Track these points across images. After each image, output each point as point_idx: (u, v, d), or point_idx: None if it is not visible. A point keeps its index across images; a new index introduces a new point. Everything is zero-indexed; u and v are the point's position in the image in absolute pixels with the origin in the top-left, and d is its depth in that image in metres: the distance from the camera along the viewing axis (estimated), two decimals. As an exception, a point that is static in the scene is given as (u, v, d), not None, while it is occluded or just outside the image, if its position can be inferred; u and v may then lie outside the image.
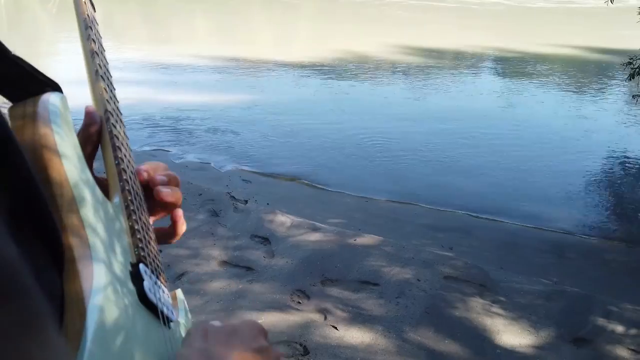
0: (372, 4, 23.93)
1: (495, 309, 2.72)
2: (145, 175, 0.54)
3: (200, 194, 3.86)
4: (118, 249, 0.42)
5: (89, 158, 0.52)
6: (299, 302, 2.69)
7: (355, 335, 2.47)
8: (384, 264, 3.06)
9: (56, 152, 0.39)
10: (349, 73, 9.94)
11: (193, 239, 3.26)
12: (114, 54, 10.77)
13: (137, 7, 22.11)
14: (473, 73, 10.84)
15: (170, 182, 0.55)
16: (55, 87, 0.43)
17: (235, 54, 11.21)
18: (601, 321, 2.68)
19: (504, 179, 5.31)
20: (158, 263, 0.51)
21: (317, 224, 3.57)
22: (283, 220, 3.56)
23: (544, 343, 2.48)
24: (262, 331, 0.46)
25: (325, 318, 2.57)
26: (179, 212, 0.58)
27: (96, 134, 0.50)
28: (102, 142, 0.51)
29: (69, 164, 0.39)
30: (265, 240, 3.29)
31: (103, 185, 0.50)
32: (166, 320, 0.45)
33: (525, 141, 6.40)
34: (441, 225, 4.13)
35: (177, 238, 0.59)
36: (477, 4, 25.25)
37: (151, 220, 0.57)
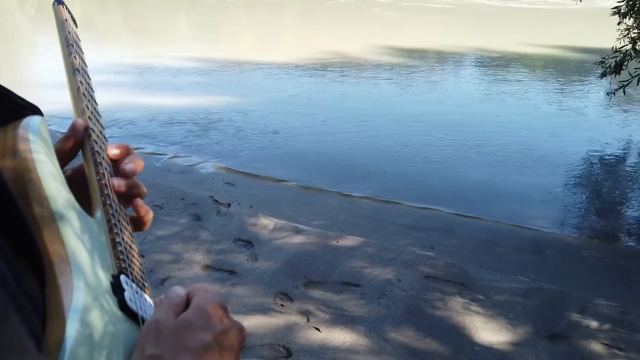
0: (358, 5, 24.04)
1: (474, 307, 2.78)
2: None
3: (183, 198, 3.87)
4: (99, 262, 0.45)
5: (66, 162, 0.55)
6: (282, 305, 2.72)
7: (338, 336, 2.51)
8: (365, 265, 3.10)
9: (35, 173, 0.41)
10: (334, 73, 9.98)
11: (176, 243, 3.27)
12: (94, 55, 10.66)
13: (117, 7, 21.87)
14: (454, 72, 10.96)
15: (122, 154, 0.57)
16: (35, 111, 0.46)
17: (219, 55, 11.18)
18: (576, 317, 2.76)
19: (485, 177, 5.41)
20: (141, 274, 0.54)
21: (300, 226, 3.61)
22: (266, 223, 3.58)
23: (521, 340, 2.55)
24: (221, 309, 0.44)
25: (308, 320, 2.61)
26: (139, 201, 0.59)
27: (76, 145, 0.53)
28: (85, 158, 0.54)
29: (48, 184, 0.42)
30: (249, 243, 3.32)
31: (76, 181, 0.53)
32: None
33: (506, 140, 6.51)
34: (423, 225, 4.19)
35: (147, 226, 0.60)
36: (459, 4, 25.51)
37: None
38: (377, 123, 6.91)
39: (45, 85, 7.43)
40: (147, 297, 0.52)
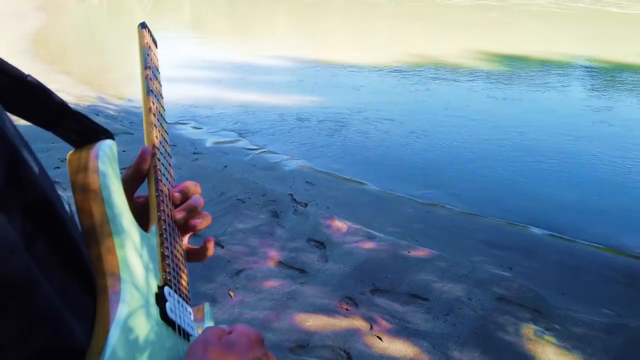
0: (457, 5, 23.31)
1: (548, 336, 2.63)
2: (177, 198, 0.62)
3: (264, 194, 4.04)
4: (149, 274, 0.50)
5: (136, 187, 0.63)
6: (347, 309, 2.76)
7: (399, 348, 2.50)
8: (435, 279, 3.05)
9: (99, 192, 0.48)
10: (427, 76, 9.80)
11: (253, 237, 3.43)
12: (196, 51, 11.37)
13: (221, 6, 23.06)
14: (560, 82, 10.27)
15: (195, 209, 0.62)
16: (107, 135, 0.53)
17: (314, 54, 11.42)
18: (666, 362, 2.52)
19: (579, 196, 5.05)
20: (186, 286, 0.61)
21: (373, 232, 3.62)
22: (340, 226, 3.64)
23: (597, 379, 2.38)
24: (259, 340, 0.50)
25: (371, 327, 2.63)
26: (211, 243, 0.67)
27: (144, 170, 0.61)
28: (148, 175, 0.61)
29: (109, 201, 0.48)
30: (321, 244, 3.40)
31: (145, 207, 0.61)
32: (186, 335, 0.53)
33: (617, 158, 6.00)
34: (502, 242, 4.01)
35: (204, 259, 0.67)
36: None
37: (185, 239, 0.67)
38: (469, 131, 6.69)
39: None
40: (188, 308, 0.58)
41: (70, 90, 7.55)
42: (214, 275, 2.99)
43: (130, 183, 0.61)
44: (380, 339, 2.54)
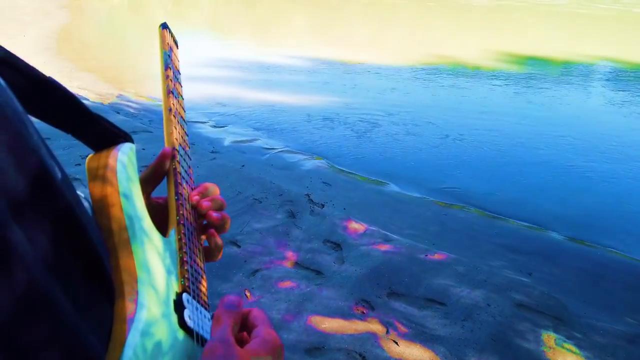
0: (481, 7, 23.05)
1: (569, 345, 2.57)
2: (195, 199, 0.60)
3: (281, 194, 4.04)
4: (166, 280, 0.49)
5: (154, 186, 0.62)
6: (363, 312, 2.74)
7: (416, 353, 2.47)
8: (453, 283, 3.01)
9: (117, 196, 0.47)
10: (446, 78, 9.71)
11: (269, 237, 3.43)
12: (220, 50, 11.44)
13: (241, 6, 23.19)
14: (581, 84, 10.08)
15: (215, 206, 0.61)
16: (127, 139, 0.53)
17: (330, 54, 11.40)
18: (693, 375, 2.44)
19: (604, 200, 4.95)
20: (205, 292, 0.59)
21: (390, 234, 3.59)
22: (357, 227, 3.62)
23: (620, 390, 2.32)
24: (280, 348, 0.47)
25: (387, 331, 2.60)
26: (219, 240, 0.65)
27: (163, 172, 0.60)
28: (167, 177, 0.61)
29: (127, 206, 0.47)
30: (337, 246, 3.38)
31: (164, 209, 0.60)
32: (204, 343, 0.52)
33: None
34: (523, 247, 3.94)
35: (216, 258, 0.65)
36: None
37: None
38: (490, 136, 6.60)
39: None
40: (207, 314, 0.57)
41: (92, 87, 7.66)
42: (230, 275, 2.99)
43: (148, 184, 0.60)
44: (397, 343, 2.52)
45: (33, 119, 0.43)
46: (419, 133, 6.57)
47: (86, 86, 7.66)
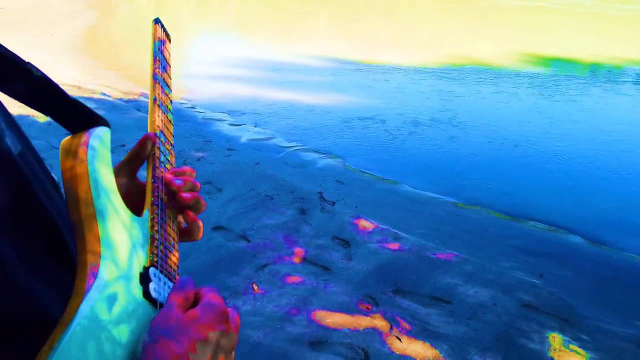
0: (504, 6, 22.73)
1: (575, 347, 2.55)
2: (168, 177, 0.63)
3: (293, 192, 4.08)
4: (133, 254, 0.52)
5: (135, 168, 0.66)
6: (368, 308, 2.76)
7: (419, 350, 2.48)
8: (460, 282, 3.01)
9: (86, 176, 0.50)
10: (466, 79, 9.62)
11: (279, 233, 3.48)
12: (236, 50, 11.55)
13: (259, 5, 23.35)
14: (607, 86, 9.86)
15: (186, 187, 0.64)
16: (103, 123, 0.56)
17: (351, 55, 11.41)
18: (702, 381, 2.39)
19: (625, 203, 4.85)
20: (175, 269, 0.63)
21: (399, 232, 3.60)
22: (366, 225, 3.64)
23: (625, 393, 2.29)
24: (224, 314, 0.50)
25: (391, 328, 2.62)
26: (199, 222, 0.68)
27: (143, 155, 0.64)
28: (147, 161, 0.64)
29: (96, 183, 0.50)
30: (346, 243, 3.40)
31: (142, 191, 0.63)
32: None
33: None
34: (535, 249, 3.89)
35: (196, 239, 0.69)
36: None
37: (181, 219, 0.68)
38: (510, 138, 6.53)
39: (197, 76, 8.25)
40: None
41: (116, 85, 7.84)
42: (238, 269, 3.05)
43: (130, 165, 0.64)
44: (400, 339, 2.53)
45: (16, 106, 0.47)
46: (434, 133, 6.54)
47: (110, 84, 7.84)
